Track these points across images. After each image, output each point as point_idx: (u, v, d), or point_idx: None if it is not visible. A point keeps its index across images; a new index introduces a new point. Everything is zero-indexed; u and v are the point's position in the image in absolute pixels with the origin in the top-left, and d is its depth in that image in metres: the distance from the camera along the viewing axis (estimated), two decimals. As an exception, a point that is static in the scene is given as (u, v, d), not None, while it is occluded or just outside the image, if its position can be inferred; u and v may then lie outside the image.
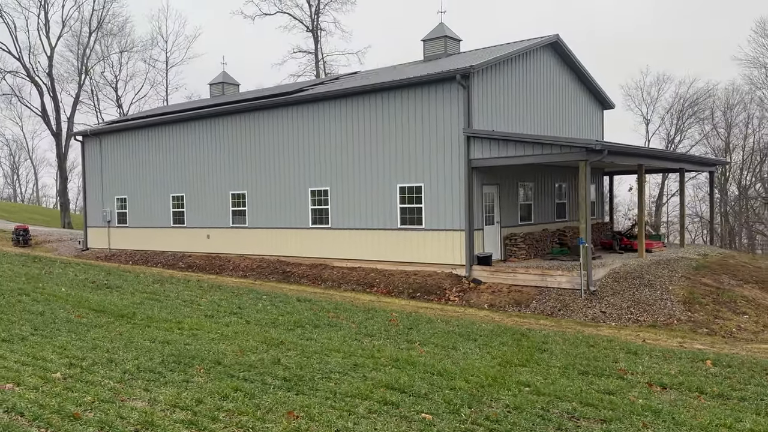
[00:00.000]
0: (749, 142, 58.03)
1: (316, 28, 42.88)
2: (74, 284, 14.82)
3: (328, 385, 7.08)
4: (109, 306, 11.78)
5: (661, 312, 15.60)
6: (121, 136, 29.21)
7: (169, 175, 27.21)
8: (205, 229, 25.94)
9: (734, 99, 58.92)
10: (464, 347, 9.67)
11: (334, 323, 11.25)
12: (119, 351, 8.24)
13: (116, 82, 52.05)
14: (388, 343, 9.76)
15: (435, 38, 24.90)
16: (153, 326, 10.17)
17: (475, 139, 18.57)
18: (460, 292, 18.10)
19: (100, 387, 6.59)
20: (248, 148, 24.14)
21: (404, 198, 20.07)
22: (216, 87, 32.98)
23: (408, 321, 11.90)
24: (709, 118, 60.46)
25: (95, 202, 30.65)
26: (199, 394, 6.43)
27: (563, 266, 18.19)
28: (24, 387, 6.45)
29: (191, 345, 8.78)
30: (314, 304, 13.69)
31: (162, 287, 15.45)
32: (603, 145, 16.46)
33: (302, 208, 22.65)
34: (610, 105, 26.93)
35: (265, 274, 22.36)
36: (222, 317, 11.56)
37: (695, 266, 19.31)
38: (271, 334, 9.88)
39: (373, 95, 20.60)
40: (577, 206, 24.68)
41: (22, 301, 11.66)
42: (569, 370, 8.47)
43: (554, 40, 22.54)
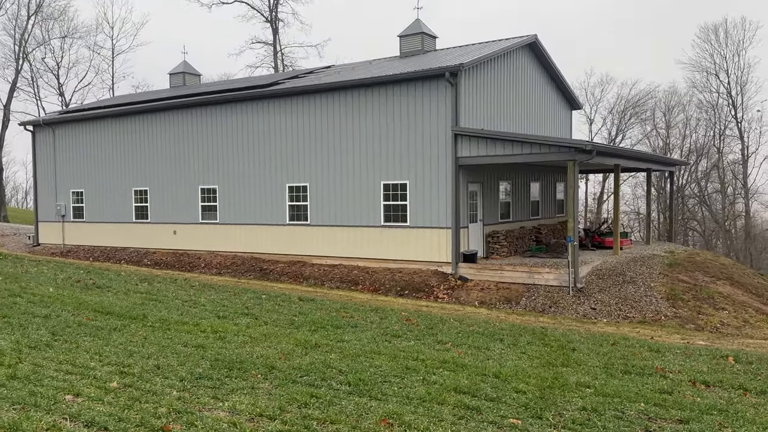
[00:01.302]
0: (686, 143, 60.54)
1: (275, 19, 42.13)
2: (59, 284, 14.03)
3: (395, 389, 6.92)
4: (112, 307, 11.20)
5: (648, 308, 16.06)
6: (77, 127, 27.91)
7: (131, 168, 26.18)
8: (171, 225, 25.11)
9: (673, 101, 61.33)
10: (495, 347, 9.66)
11: (353, 324, 11.05)
12: (158, 357, 7.82)
13: (58, 69, 49.74)
14: (420, 344, 9.65)
15: (412, 34, 24.84)
16: (173, 329, 9.72)
17: (463, 137, 18.62)
18: (449, 290, 18.14)
19: (166, 396, 6.23)
20: (219, 142, 23.47)
21: (388, 195, 19.95)
22: (177, 77, 31.93)
23: (424, 321, 11.81)
24: (650, 118, 62.72)
25: (47, 196, 29.21)
26: (277, 402, 6.16)
27: (548, 263, 18.48)
28: (86, 398, 6.02)
29: (228, 349, 8.43)
30: (318, 304, 13.42)
31: (151, 286, 14.83)
32: (593, 145, 16.79)
33: (279, 204, 22.21)
34: (579, 105, 27.55)
35: (241, 271, 21.82)
36: (235, 318, 11.17)
37: (668, 263, 19.97)
38: (299, 336, 9.60)
39: (356, 90, 20.37)
40: (548, 204, 25.16)
41: (17, 303, 10.94)
42: (611, 370, 8.58)
43: (533, 40, 22.85)
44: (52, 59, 49.36)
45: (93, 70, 49.46)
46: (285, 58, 42.74)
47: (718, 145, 55.43)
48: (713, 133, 55.52)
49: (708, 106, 55.39)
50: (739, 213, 56.81)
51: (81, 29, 49.43)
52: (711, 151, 56.43)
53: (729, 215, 55.76)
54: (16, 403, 5.75)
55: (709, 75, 52.64)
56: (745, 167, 51.34)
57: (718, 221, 57.54)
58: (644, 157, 21.74)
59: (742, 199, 55.33)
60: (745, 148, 51.62)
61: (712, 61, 52.17)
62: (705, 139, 58.99)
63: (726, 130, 55.21)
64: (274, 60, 42.43)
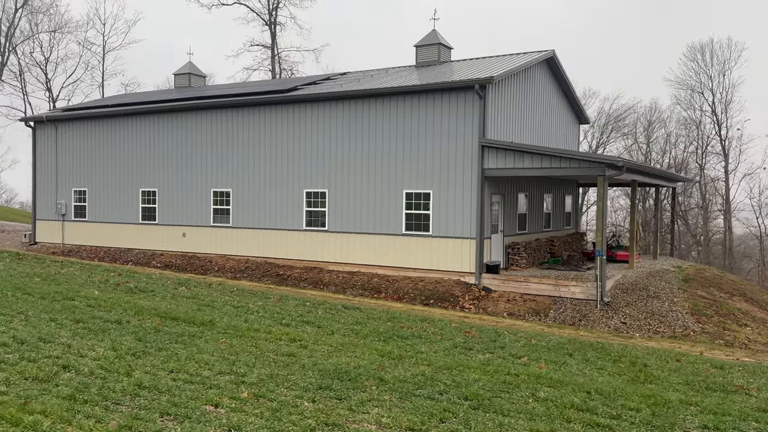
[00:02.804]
0: (666, 158, 61.83)
1: (273, 22, 41.92)
2: (100, 287, 13.76)
3: (512, 405, 6.96)
4: (172, 313, 11.02)
5: (675, 323, 16.37)
6: (82, 125, 27.40)
7: (138, 168, 25.79)
8: (180, 227, 24.79)
9: (654, 116, 62.66)
10: (570, 362, 9.77)
11: (417, 335, 11.06)
12: (259, 365, 7.74)
13: (46, 64, 48.76)
14: (496, 357, 9.72)
15: (428, 45, 24.97)
16: (247, 336, 9.63)
17: (490, 149, 18.77)
18: (474, 300, 18.24)
19: (303, 407, 6.18)
20: (234, 146, 23.28)
21: (410, 204, 20.00)
22: (182, 77, 31.56)
23: (480, 333, 11.88)
24: (632, 132, 63.92)
25: (47, 194, 28.59)
26: (417, 417, 6.15)
27: (570, 276, 18.71)
28: (228, 409, 5.95)
29: (318, 358, 8.38)
30: (365, 313, 13.40)
31: (191, 290, 14.63)
32: (624, 161, 17.08)
33: (295, 210, 22.09)
34: (587, 120, 27.99)
35: (257, 276, 21.63)
36: (298, 326, 11.10)
37: (683, 279, 20.39)
38: (377, 347, 9.59)
39: (380, 98, 20.39)
40: (559, 217, 25.49)
41: (78, 307, 10.71)
42: (695, 387, 8.75)
43: (551, 56, 23.17)
44: (40, 54, 48.37)
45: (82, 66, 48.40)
46: (282, 62, 42.57)
47: (701, 162, 56.74)
48: (696, 150, 56.80)
49: (692, 123, 56.69)
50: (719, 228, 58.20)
51: (71, 24, 48.47)
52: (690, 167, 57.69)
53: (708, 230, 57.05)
54: (164, 414, 5.68)
55: (695, 93, 53.85)
56: (728, 184, 52.61)
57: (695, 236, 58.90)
58: (660, 174, 22.18)
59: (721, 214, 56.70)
60: (728, 165, 52.87)
61: (698, 80, 53.41)
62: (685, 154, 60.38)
63: (708, 147, 56.57)
64: (272, 63, 42.23)
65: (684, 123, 58.31)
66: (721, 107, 53.23)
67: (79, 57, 48.86)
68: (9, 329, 8.51)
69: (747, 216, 59.43)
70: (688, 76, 54.04)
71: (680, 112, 56.50)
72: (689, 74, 53.93)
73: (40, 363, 6.96)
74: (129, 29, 51.40)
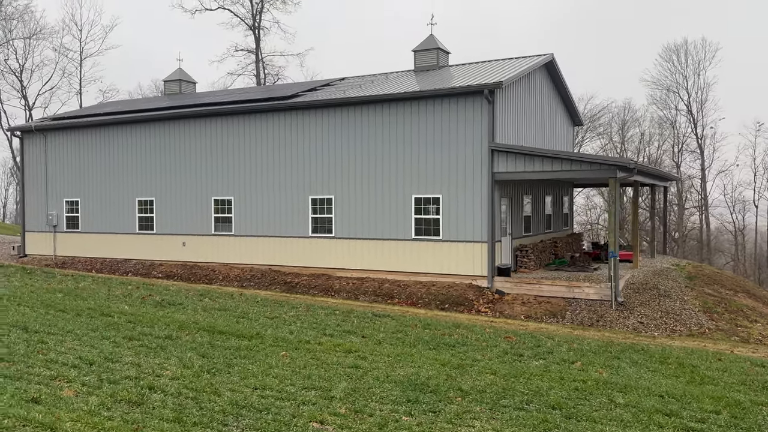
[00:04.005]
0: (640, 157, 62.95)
1: (257, 27, 41.64)
2: (128, 301, 13.51)
3: (600, 413, 7.02)
4: (217, 326, 10.85)
5: (690, 321, 16.69)
6: (73, 134, 26.87)
7: (134, 177, 25.37)
8: (180, 236, 24.45)
9: (628, 116, 63.74)
10: (622, 366, 9.91)
11: (462, 342, 11.10)
12: (332, 378, 7.68)
13: (21, 72, 47.62)
14: (550, 363, 9.80)
15: (427, 50, 25.06)
16: (302, 348, 9.55)
17: (500, 153, 18.91)
18: (489, 304, 18.35)
19: (404, 422, 6.17)
20: (235, 153, 23.05)
21: (419, 209, 20.04)
22: (172, 84, 31.13)
23: (521, 338, 11.96)
24: (607, 132, 64.91)
25: (37, 205, 27.95)
26: (521, 430, 6.18)
27: (580, 277, 18.95)
28: (334, 426, 5.90)
29: (383, 369, 8.35)
30: (396, 320, 13.39)
31: (216, 302, 14.45)
32: (635, 164, 17.37)
33: (301, 217, 21.96)
34: (580, 122, 28.38)
35: (264, 284, 21.45)
36: (341, 336, 11.05)
37: (687, 277, 20.81)
38: (433, 356, 9.60)
39: (387, 104, 20.39)
40: (558, 218, 25.78)
41: (119, 323, 10.49)
42: (752, 386, 8.95)
43: (550, 59, 23.44)
44: (15, 61, 47.25)
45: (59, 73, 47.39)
46: (267, 67, 42.30)
47: (677, 160, 57.89)
48: (672, 148, 57.95)
49: (666, 122, 57.83)
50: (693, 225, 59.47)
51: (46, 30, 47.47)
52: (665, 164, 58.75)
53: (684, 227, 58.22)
54: (278, 434, 5.60)
55: (670, 93, 54.96)
56: (704, 181, 53.78)
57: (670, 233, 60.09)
58: (659, 174, 22.62)
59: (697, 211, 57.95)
60: (704, 162, 54.04)
61: (673, 80, 54.50)
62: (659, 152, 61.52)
63: (683, 146, 57.78)
64: (256, 68, 41.93)
65: (658, 122, 59.43)
66: (697, 106, 54.42)
67: (56, 64, 47.78)
68: (68, 350, 8.32)
69: (721, 212, 60.91)
70: (664, 77, 55.15)
71: (656, 112, 57.46)
72: (665, 74, 55.04)
73: (123, 385, 6.82)
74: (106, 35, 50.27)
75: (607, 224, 16.54)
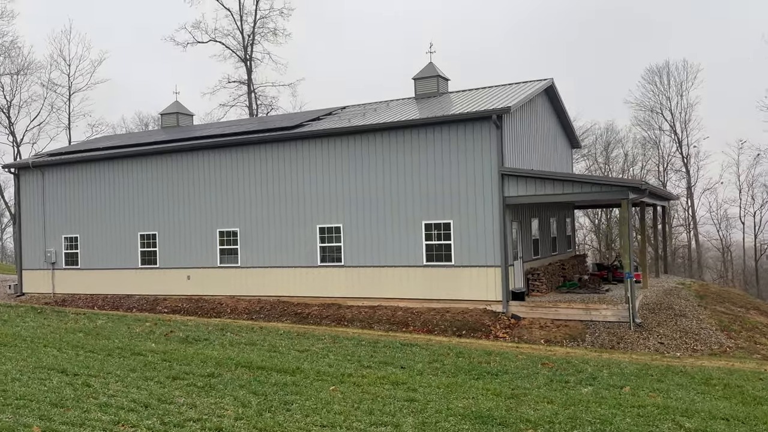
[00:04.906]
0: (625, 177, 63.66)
1: (249, 58, 41.76)
2: (151, 338, 13.23)
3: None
4: (253, 362, 10.66)
5: (709, 340, 16.72)
6: (71, 169, 26.58)
7: (135, 211, 25.09)
8: (185, 270, 24.14)
9: (611, 137, 64.59)
10: (669, 388, 9.85)
11: (502, 370, 10.99)
12: (393, 413, 7.53)
13: (9, 108, 47.22)
14: (599, 389, 9.72)
15: (427, 77, 25.26)
16: (346, 381, 9.38)
17: (510, 177, 18.99)
18: (506, 329, 18.24)
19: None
20: (240, 184, 22.91)
21: (430, 235, 20.00)
22: (169, 117, 30.98)
23: (558, 363, 11.87)
24: (591, 153, 65.68)
25: (34, 242, 27.50)
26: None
27: (594, 299, 18.96)
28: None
29: (440, 402, 8.22)
30: (425, 349, 13.25)
31: (240, 336, 14.21)
32: (647, 185, 17.53)
33: (309, 246, 21.80)
34: (578, 144, 28.68)
35: (274, 315, 21.18)
36: (379, 367, 10.88)
37: (697, 296, 20.91)
38: (479, 385, 9.48)
39: (394, 131, 20.45)
40: (562, 240, 25.88)
41: (153, 362, 10.25)
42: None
43: (550, 84, 23.74)
44: (2, 97, 46.87)
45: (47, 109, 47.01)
46: (259, 97, 42.35)
47: (663, 179, 58.60)
48: (658, 168, 58.71)
49: (649, 142, 58.67)
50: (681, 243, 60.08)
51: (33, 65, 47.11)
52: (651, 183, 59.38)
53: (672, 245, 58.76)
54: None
55: (654, 113, 55.85)
56: (692, 200, 54.45)
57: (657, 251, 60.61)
58: (664, 195, 22.86)
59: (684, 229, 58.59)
60: (690, 181, 54.77)
61: (657, 101, 55.43)
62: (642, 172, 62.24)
63: (668, 165, 58.57)
64: (249, 99, 41.95)
65: (642, 142, 60.27)
66: (681, 126, 55.32)
67: (44, 99, 47.42)
68: (117, 392, 8.09)
69: (708, 230, 61.63)
70: (647, 98, 56.08)
71: (639, 132, 58.31)
72: (648, 96, 55.98)
73: (190, 427, 6.62)
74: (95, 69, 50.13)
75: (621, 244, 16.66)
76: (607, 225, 61.49)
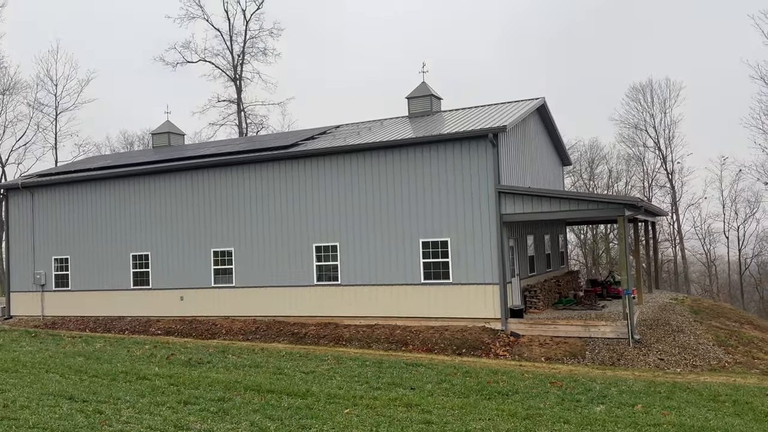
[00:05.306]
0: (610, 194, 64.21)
1: (239, 78, 41.80)
2: (149, 361, 13.04)
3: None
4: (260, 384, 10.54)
5: (708, 356, 16.82)
6: (61, 190, 26.33)
7: (127, 232, 24.85)
8: (178, 291, 23.90)
9: (595, 153, 65.27)
10: (678, 405, 9.89)
11: (512, 390, 10.96)
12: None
13: (-7, 127, 46.77)
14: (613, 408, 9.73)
15: (420, 96, 25.43)
16: (360, 404, 9.30)
17: (507, 195, 19.09)
18: (506, 347, 18.23)
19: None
20: (235, 204, 22.81)
21: (427, 253, 20.00)
22: (160, 137, 30.84)
23: (568, 383, 11.86)
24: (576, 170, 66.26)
25: (23, 264, 27.11)
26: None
27: (591, 316, 19.03)
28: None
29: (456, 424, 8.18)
30: (431, 369, 13.19)
31: (241, 359, 14.06)
32: (643, 202, 17.70)
33: (305, 265, 21.70)
34: (569, 161, 28.93)
35: (270, 336, 20.99)
36: (389, 389, 10.81)
37: (692, 311, 21.05)
38: (492, 406, 9.45)
39: (389, 150, 20.51)
40: (556, 257, 26.00)
41: (160, 386, 10.09)
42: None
43: (542, 103, 23.99)
44: (-13, 117, 46.42)
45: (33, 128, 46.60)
46: (249, 116, 42.34)
47: (648, 195, 59.21)
48: (643, 184, 59.33)
49: (633, 159, 59.37)
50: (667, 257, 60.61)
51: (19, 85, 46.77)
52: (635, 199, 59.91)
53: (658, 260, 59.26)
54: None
55: (638, 131, 56.57)
56: (678, 215, 55.03)
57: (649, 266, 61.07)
58: (656, 211, 23.09)
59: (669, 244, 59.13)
60: (675, 197, 55.39)
61: (641, 118, 56.18)
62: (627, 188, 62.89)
63: (653, 182, 59.21)
64: (238, 118, 41.92)
65: (626, 159, 60.97)
66: (665, 142, 56.05)
67: (30, 119, 47.04)
68: (130, 418, 7.95)
69: (693, 244, 62.29)
70: (631, 115, 56.83)
71: (625, 149, 59.00)
72: (632, 113, 56.73)
73: (213, 454, 6.52)
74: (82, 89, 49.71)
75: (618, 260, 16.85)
76: (593, 240, 62.02)
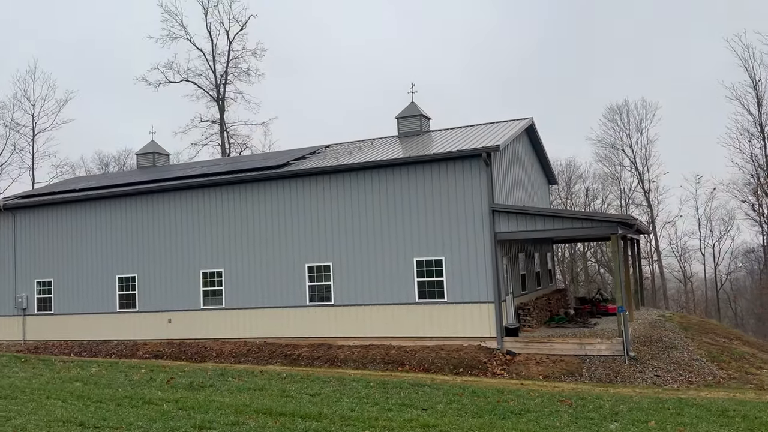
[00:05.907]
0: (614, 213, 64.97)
1: (221, 98, 41.66)
2: (150, 385, 12.77)
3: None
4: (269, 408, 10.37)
5: (703, 371, 17.00)
6: (44, 211, 25.87)
7: (113, 254, 24.44)
8: (166, 313, 23.52)
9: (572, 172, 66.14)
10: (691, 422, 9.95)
11: (525, 409, 10.93)
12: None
13: (-32, 149, 45.92)
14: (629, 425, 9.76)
15: (410, 116, 25.60)
16: (378, 426, 9.19)
17: (501, 213, 19.21)
18: (503, 365, 18.22)
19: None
20: (224, 224, 22.60)
21: (422, 272, 20.00)
22: (145, 157, 30.53)
23: (576, 401, 11.88)
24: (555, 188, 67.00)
25: (3, 287, 26.53)
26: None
27: (586, 333, 19.14)
28: None
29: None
30: (437, 389, 13.11)
31: (242, 381, 13.84)
32: (635, 220, 17.95)
33: (296, 285, 21.53)
34: (555, 180, 29.28)
35: (263, 358, 20.73)
36: (401, 410, 10.68)
37: (681, 327, 21.31)
38: (508, 425, 9.42)
39: (383, 169, 20.55)
40: (545, 275, 26.17)
41: (171, 412, 9.88)
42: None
43: (531, 123, 24.30)
44: (-37, 137, 45.58)
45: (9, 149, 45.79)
46: (231, 136, 42.14)
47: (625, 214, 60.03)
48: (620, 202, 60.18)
49: (609, 177, 60.29)
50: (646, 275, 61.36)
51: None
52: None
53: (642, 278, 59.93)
54: None
55: (615, 150, 57.52)
56: (656, 233, 55.83)
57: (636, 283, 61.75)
58: (644, 229, 23.42)
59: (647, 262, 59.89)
60: (652, 215, 56.25)
61: (618, 138, 57.16)
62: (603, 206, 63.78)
63: (630, 200, 60.11)
64: (221, 138, 41.70)
65: (602, 178, 61.88)
66: (641, 162, 57.03)
67: (6, 139, 46.26)
68: (150, 445, 7.76)
69: (669, 262, 63.23)
70: (608, 135, 57.79)
71: (602, 168, 59.90)
72: (609, 133, 57.71)
73: (245, 480, 6.38)
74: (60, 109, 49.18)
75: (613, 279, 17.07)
76: (572, 259, 62.59)
